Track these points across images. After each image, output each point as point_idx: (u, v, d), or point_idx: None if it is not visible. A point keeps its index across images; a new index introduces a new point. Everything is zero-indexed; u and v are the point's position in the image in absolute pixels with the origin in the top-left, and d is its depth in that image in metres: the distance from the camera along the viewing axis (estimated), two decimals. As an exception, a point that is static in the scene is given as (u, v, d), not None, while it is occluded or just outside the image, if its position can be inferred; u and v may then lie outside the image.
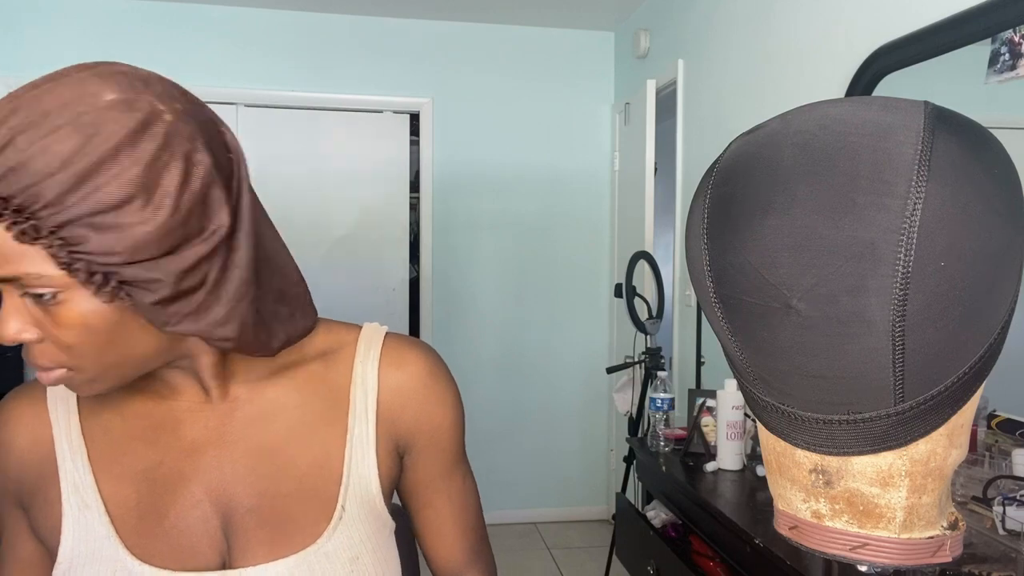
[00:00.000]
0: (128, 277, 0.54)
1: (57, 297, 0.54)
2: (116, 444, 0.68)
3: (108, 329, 0.57)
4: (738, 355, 0.51)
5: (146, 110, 0.54)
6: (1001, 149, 0.46)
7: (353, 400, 0.73)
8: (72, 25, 3.39)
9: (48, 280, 0.53)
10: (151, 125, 0.53)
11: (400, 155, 3.78)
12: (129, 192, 0.52)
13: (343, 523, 0.69)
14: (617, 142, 3.77)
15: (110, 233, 0.52)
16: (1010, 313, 0.47)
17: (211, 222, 0.57)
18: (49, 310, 0.55)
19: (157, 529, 0.66)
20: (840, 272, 0.43)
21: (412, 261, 3.90)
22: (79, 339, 0.56)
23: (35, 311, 0.56)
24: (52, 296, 0.54)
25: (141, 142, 0.52)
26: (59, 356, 0.58)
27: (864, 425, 0.47)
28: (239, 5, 3.52)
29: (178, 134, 0.55)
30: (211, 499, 0.68)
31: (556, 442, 3.90)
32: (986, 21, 1.46)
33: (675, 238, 3.37)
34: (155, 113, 0.54)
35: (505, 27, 3.80)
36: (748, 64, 2.50)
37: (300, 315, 0.70)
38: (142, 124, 0.53)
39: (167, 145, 0.54)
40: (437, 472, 0.78)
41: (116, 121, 0.52)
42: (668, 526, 1.94)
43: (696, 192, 0.52)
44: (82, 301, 0.55)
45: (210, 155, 0.57)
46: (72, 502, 0.66)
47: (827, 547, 0.51)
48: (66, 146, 0.50)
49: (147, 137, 0.53)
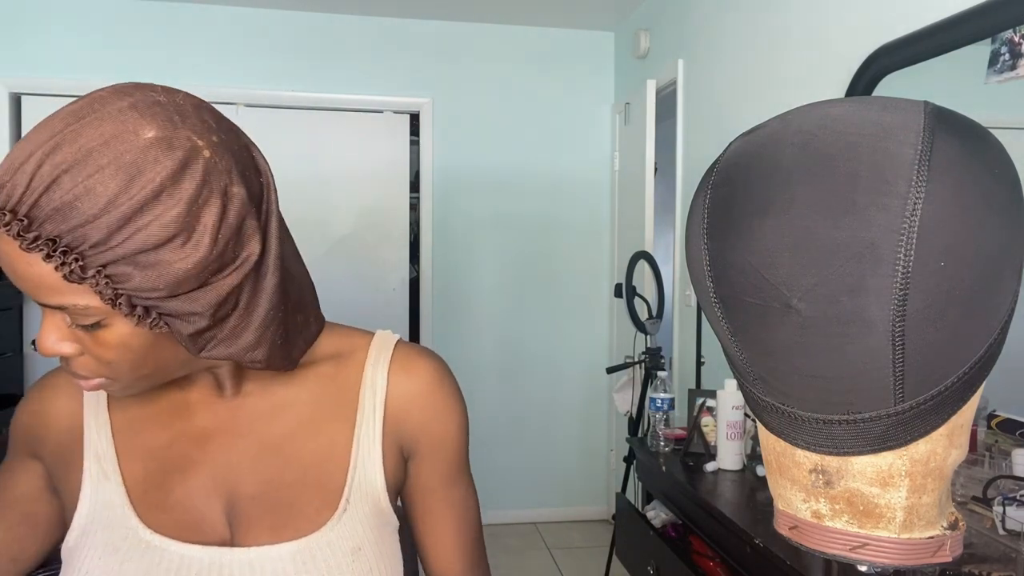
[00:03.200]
0: (168, 310, 0.57)
1: (100, 324, 0.57)
2: (135, 423, 0.73)
3: (146, 349, 0.60)
4: (738, 355, 0.51)
5: (186, 147, 0.55)
6: (1001, 149, 0.46)
7: (362, 400, 0.75)
8: (72, 25, 3.39)
9: (94, 311, 0.56)
10: (191, 164, 0.55)
11: (400, 155, 3.78)
12: (171, 232, 0.54)
13: (347, 515, 0.71)
14: (617, 142, 3.77)
15: (152, 270, 0.54)
16: (1010, 313, 0.47)
17: (244, 251, 0.59)
18: (91, 332, 0.58)
19: (164, 503, 0.70)
20: (840, 272, 0.43)
21: (412, 261, 3.90)
22: (118, 357, 0.60)
23: (75, 330, 0.59)
24: (96, 323, 0.57)
25: (182, 182, 0.54)
26: (98, 369, 0.61)
27: (864, 425, 0.47)
28: (239, 5, 3.52)
29: (215, 170, 0.56)
30: (215, 484, 0.70)
31: (556, 442, 3.90)
32: (986, 21, 1.46)
33: (675, 238, 3.37)
34: (194, 150, 0.55)
35: (505, 27, 3.80)
36: (748, 64, 2.50)
37: (313, 319, 0.73)
38: (182, 164, 0.54)
39: (206, 182, 0.55)
40: (439, 480, 0.79)
41: (157, 161, 0.53)
42: (668, 526, 1.94)
43: (696, 192, 0.52)
44: (123, 326, 0.58)
45: (244, 186, 0.59)
46: (93, 471, 0.70)
47: (827, 547, 0.51)
48: (110, 188, 0.52)
49: (187, 176, 0.54)
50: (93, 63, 3.41)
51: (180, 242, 0.54)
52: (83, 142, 0.52)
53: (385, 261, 3.77)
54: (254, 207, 0.60)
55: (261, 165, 0.63)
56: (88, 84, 3.36)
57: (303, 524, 0.70)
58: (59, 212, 0.52)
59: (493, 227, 3.82)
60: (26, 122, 3.41)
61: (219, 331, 0.60)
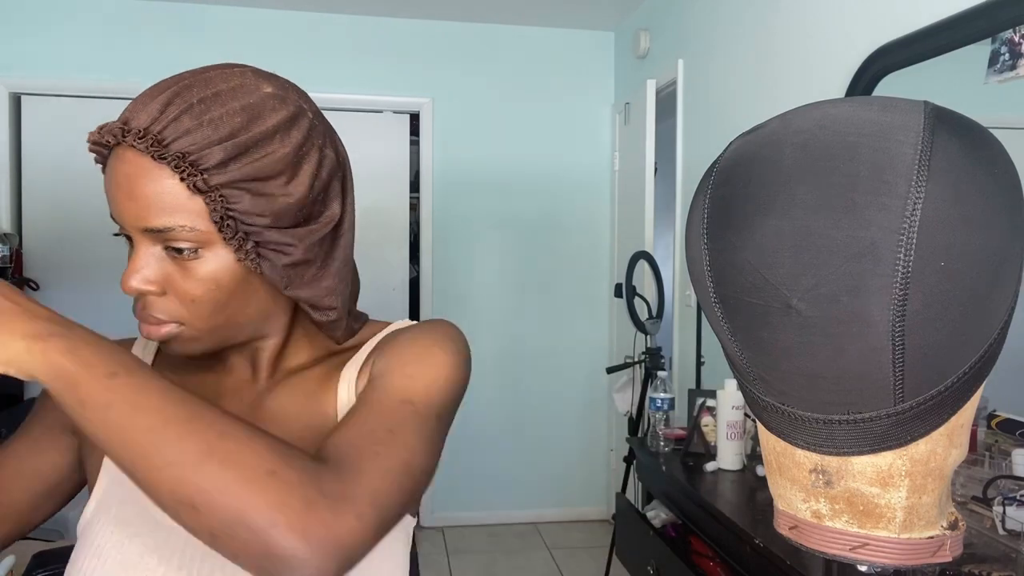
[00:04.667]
0: (266, 239, 0.62)
1: (198, 252, 0.62)
2: None
3: (232, 288, 0.64)
4: (738, 355, 0.51)
5: (296, 104, 0.65)
6: (1001, 149, 0.46)
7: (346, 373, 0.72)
8: (72, 25, 3.38)
9: (197, 235, 0.61)
10: (299, 119, 0.65)
11: (400, 155, 3.78)
12: (279, 168, 0.62)
13: None
14: (617, 142, 3.77)
15: (260, 199, 0.61)
16: (1010, 313, 0.47)
17: (328, 208, 0.67)
18: (183, 263, 0.62)
19: None
20: (840, 272, 0.43)
21: (412, 261, 3.90)
22: (205, 293, 0.63)
23: (166, 264, 0.62)
24: (194, 251, 0.61)
25: (292, 130, 0.63)
26: (177, 310, 0.63)
27: (864, 425, 0.47)
28: (239, 5, 3.52)
29: (316, 130, 0.66)
30: None
31: (556, 442, 3.90)
32: (986, 21, 1.46)
33: (675, 238, 3.37)
34: (301, 110, 0.65)
35: (505, 27, 3.80)
36: (748, 64, 2.50)
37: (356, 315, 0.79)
38: (293, 116, 0.64)
39: (310, 136, 0.65)
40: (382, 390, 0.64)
41: (274, 110, 0.63)
42: (668, 526, 1.94)
43: (696, 192, 0.52)
44: (218, 258, 0.62)
45: (335, 152, 0.69)
46: None
47: (827, 547, 0.51)
48: (235, 121, 0.60)
49: (296, 127, 0.64)
50: (93, 63, 3.40)
51: (285, 179, 0.62)
52: (214, 86, 0.61)
53: (385, 261, 3.77)
54: (340, 173, 0.69)
55: (341, 150, 0.71)
56: (88, 84, 3.36)
57: None
58: (189, 134, 0.59)
59: (493, 227, 3.82)
60: (26, 122, 3.40)
61: (305, 271, 0.66)
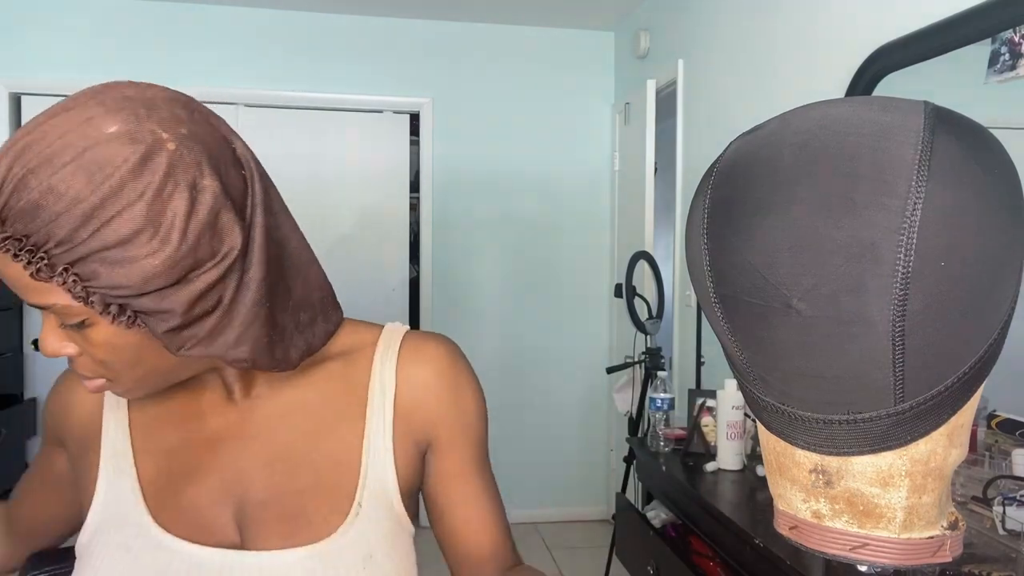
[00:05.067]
0: (141, 308, 0.56)
1: (86, 322, 0.58)
2: (152, 422, 0.73)
3: (133, 350, 0.60)
4: (738, 355, 0.50)
5: (148, 141, 0.54)
6: (1001, 149, 0.46)
7: (371, 398, 0.73)
8: (72, 25, 3.39)
9: (75, 310, 0.56)
10: (153, 156, 0.54)
11: (400, 155, 3.78)
12: (136, 226, 0.53)
13: (359, 519, 0.69)
14: (617, 142, 3.77)
15: (120, 267, 0.53)
16: (1010, 313, 0.47)
17: (223, 245, 0.57)
18: (81, 331, 0.59)
19: (176, 505, 0.70)
20: (840, 272, 0.42)
21: (412, 261, 3.90)
22: (109, 357, 0.60)
23: (69, 330, 0.60)
24: (80, 323, 0.58)
25: (143, 175, 0.53)
26: (97, 368, 0.62)
27: (864, 425, 0.47)
28: (239, 5, 3.52)
29: (181, 162, 0.55)
30: (225, 490, 0.70)
31: (556, 442, 3.90)
32: (986, 21, 1.46)
33: (675, 238, 3.37)
34: (157, 143, 0.54)
35: (505, 27, 3.80)
36: (748, 64, 2.50)
37: (322, 319, 0.71)
38: (144, 157, 0.53)
39: (170, 175, 0.54)
40: (465, 465, 0.76)
41: (118, 155, 0.53)
42: (668, 526, 1.94)
43: (696, 192, 0.52)
44: (106, 326, 0.58)
45: (217, 179, 0.57)
46: (109, 466, 0.71)
47: (827, 547, 0.51)
48: (72, 185, 0.52)
49: (149, 169, 0.53)
50: (93, 63, 3.41)
51: (147, 237, 0.53)
52: (48, 141, 0.53)
53: (385, 261, 3.77)
54: (232, 200, 0.58)
55: (243, 156, 0.61)
56: (88, 84, 3.35)
57: (314, 530, 0.68)
58: (26, 212, 0.52)
59: (493, 227, 3.82)
60: (26, 122, 3.40)
61: (198, 329, 0.58)
